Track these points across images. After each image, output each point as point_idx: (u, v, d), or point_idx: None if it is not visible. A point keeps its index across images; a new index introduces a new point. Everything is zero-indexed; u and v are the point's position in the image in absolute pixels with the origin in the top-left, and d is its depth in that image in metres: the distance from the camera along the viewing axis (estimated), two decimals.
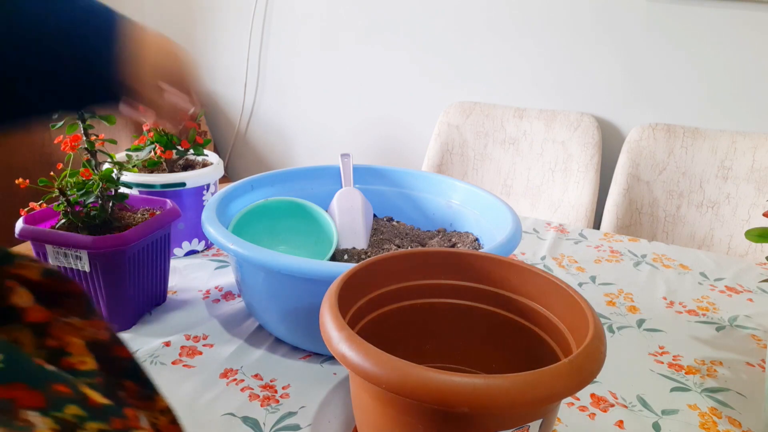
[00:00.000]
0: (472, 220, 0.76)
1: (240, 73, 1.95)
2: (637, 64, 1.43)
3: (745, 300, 0.79)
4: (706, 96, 1.39)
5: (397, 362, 0.33)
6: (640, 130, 1.38)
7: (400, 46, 1.69)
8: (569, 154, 1.44)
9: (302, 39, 1.83)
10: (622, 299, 0.77)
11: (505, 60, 1.57)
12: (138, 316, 0.66)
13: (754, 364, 0.64)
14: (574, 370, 0.34)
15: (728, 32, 1.33)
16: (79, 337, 0.24)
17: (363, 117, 1.82)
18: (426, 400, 0.32)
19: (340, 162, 0.83)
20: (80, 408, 0.18)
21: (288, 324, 0.59)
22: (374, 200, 0.83)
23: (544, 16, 1.49)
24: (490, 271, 0.49)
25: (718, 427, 0.53)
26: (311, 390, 0.55)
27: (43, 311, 0.22)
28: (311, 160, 1.95)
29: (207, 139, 0.82)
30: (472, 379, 0.32)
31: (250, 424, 0.50)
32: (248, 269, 0.59)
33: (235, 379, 0.56)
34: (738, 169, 1.30)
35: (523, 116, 1.50)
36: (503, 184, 1.52)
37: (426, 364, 0.33)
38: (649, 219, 1.37)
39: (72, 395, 0.19)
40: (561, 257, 0.90)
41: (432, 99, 1.69)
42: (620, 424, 0.53)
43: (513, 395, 0.32)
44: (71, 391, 0.19)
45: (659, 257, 0.91)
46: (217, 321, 0.67)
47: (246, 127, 2.02)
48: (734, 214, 1.30)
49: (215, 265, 0.80)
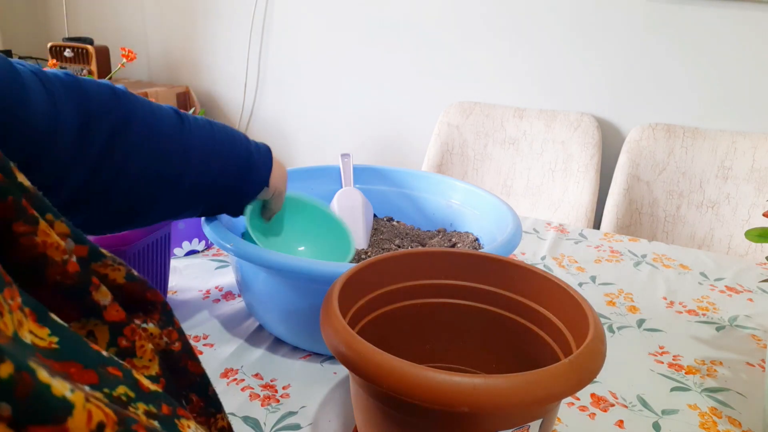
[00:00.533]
0: (472, 220, 0.76)
1: (240, 73, 1.95)
2: (637, 64, 1.43)
3: (745, 300, 0.79)
4: (706, 96, 1.39)
5: (397, 362, 0.33)
6: (640, 130, 1.38)
7: (400, 46, 1.69)
8: (569, 154, 1.44)
9: (302, 39, 1.83)
10: (622, 299, 0.77)
11: (505, 60, 1.57)
12: None
13: (754, 364, 0.64)
14: (574, 370, 0.34)
15: (728, 32, 1.33)
16: (151, 344, 0.24)
17: (363, 117, 1.82)
18: (426, 400, 0.32)
19: (340, 162, 0.83)
20: (130, 389, 0.19)
21: (288, 324, 0.59)
22: (374, 200, 0.83)
23: (544, 16, 1.49)
24: (491, 270, 0.49)
25: (718, 427, 0.53)
26: (311, 390, 0.55)
27: (121, 311, 0.23)
28: (311, 160, 1.95)
29: None
30: (472, 378, 0.32)
31: (250, 423, 0.50)
32: (248, 269, 0.59)
33: (235, 378, 0.56)
34: (738, 169, 1.30)
35: (523, 116, 1.50)
36: (503, 184, 1.52)
37: (426, 364, 0.33)
38: (649, 219, 1.37)
39: (122, 378, 0.19)
40: (561, 257, 0.90)
41: (432, 99, 1.69)
42: (620, 424, 0.53)
43: (513, 395, 0.32)
44: (122, 375, 0.19)
45: (659, 257, 0.91)
46: (217, 321, 0.67)
47: (246, 127, 2.02)
48: (734, 214, 1.30)
49: (215, 265, 0.80)
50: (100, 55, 1.86)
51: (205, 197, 0.55)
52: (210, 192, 0.55)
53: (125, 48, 0.78)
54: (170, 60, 2.07)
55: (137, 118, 0.47)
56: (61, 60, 1.86)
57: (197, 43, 2.00)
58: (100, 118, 0.44)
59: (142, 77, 2.13)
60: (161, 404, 0.20)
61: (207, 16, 1.95)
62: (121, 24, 2.10)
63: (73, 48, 1.85)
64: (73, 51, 1.85)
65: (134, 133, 0.46)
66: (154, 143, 0.48)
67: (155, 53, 2.08)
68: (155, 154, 0.48)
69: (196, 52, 2.02)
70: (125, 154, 0.46)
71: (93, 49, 1.83)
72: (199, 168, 0.52)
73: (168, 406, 0.21)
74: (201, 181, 0.53)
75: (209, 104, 2.05)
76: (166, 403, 0.21)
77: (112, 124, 0.45)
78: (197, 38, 2.00)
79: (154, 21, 2.05)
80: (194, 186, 0.53)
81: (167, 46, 2.06)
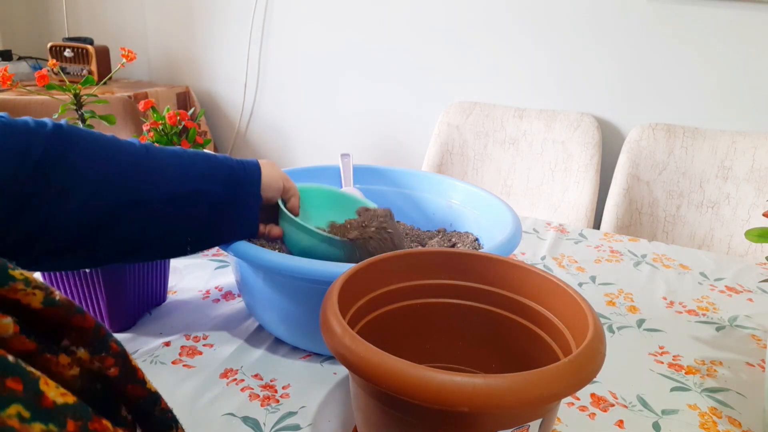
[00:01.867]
0: (472, 220, 0.76)
1: (240, 73, 1.95)
2: (637, 64, 1.43)
3: (745, 300, 0.79)
4: (706, 96, 1.39)
5: (397, 362, 0.33)
6: (640, 130, 1.38)
7: (400, 46, 1.69)
8: (569, 154, 1.44)
9: (302, 39, 1.83)
10: (622, 299, 0.77)
11: (506, 60, 1.57)
12: (138, 316, 0.66)
13: (754, 364, 0.64)
14: (574, 370, 0.34)
15: (728, 32, 1.33)
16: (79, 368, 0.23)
17: (363, 117, 1.82)
18: (425, 399, 0.32)
19: (340, 162, 0.83)
20: (25, 408, 0.17)
21: (288, 324, 0.59)
22: (374, 200, 0.83)
23: (545, 16, 1.49)
24: (490, 270, 0.49)
25: (718, 427, 0.53)
26: (311, 390, 0.55)
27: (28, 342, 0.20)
28: (311, 160, 1.95)
29: (207, 139, 0.82)
30: (472, 378, 0.32)
31: (250, 424, 0.50)
32: (248, 269, 0.59)
33: (235, 379, 0.56)
34: (738, 169, 1.29)
35: (523, 116, 1.50)
36: (503, 184, 1.52)
37: (426, 363, 0.33)
38: (649, 219, 1.37)
39: (21, 393, 0.18)
40: (561, 257, 0.90)
41: (432, 99, 1.69)
42: (620, 424, 0.53)
43: (512, 395, 0.32)
44: (23, 388, 0.18)
45: (659, 257, 0.91)
46: (217, 321, 0.67)
47: (246, 127, 2.02)
48: (734, 214, 1.30)
49: (215, 265, 0.80)
50: (100, 55, 1.86)
51: (192, 210, 0.53)
52: (196, 203, 0.53)
53: (125, 48, 0.78)
54: (170, 60, 2.07)
55: (76, 148, 0.46)
56: (61, 60, 1.86)
57: (197, 43, 2.00)
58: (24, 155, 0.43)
59: (142, 77, 2.13)
60: (66, 420, 0.19)
61: (207, 16, 1.95)
62: (121, 24, 2.10)
63: (73, 48, 1.85)
64: (73, 51, 1.85)
65: (71, 162, 0.46)
66: (102, 169, 0.47)
67: (155, 53, 2.08)
68: (108, 179, 0.48)
69: (196, 52, 2.02)
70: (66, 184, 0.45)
71: (93, 49, 1.83)
72: (173, 179, 0.51)
73: (75, 421, 0.19)
74: (179, 191, 0.52)
75: (209, 104, 2.05)
76: (73, 418, 0.19)
77: (38, 158, 0.44)
78: (197, 38, 2.00)
79: (154, 21, 2.05)
80: (172, 198, 0.51)
81: (167, 46, 2.06)
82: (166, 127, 0.77)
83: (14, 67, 2.07)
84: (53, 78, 1.68)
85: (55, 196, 0.45)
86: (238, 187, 0.56)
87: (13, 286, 0.21)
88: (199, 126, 0.81)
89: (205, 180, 0.54)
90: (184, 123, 0.78)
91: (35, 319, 0.21)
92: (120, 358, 0.24)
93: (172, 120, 0.77)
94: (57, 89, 0.72)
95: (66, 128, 0.47)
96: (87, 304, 0.62)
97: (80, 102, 0.74)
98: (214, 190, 0.54)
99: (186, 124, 0.79)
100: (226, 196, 0.55)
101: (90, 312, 0.63)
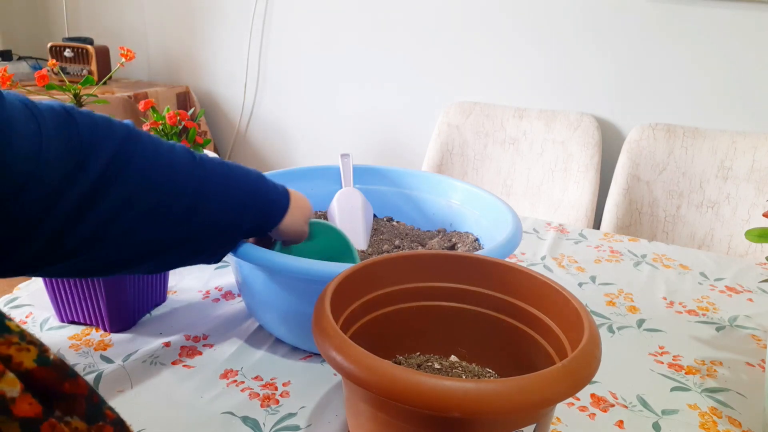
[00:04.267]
0: (472, 220, 0.76)
1: (240, 73, 1.95)
2: (637, 64, 1.43)
3: (745, 300, 0.79)
4: (706, 96, 1.39)
5: (388, 366, 0.33)
6: (640, 130, 1.38)
7: (400, 46, 1.69)
8: (569, 154, 1.44)
9: (302, 39, 1.83)
10: (622, 299, 0.77)
11: (505, 60, 1.57)
12: (138, 316, 0.66)
13: (754, 364, 0.64)
14: (568, 375, 0.33)
15: (728, 32, 1.33)
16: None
17: (363, 117, 1.82)
18: (416, 404, 0.31)
19: (340, 162, 0.83)
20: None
21: (288, 324, 0.59)
22: (374, 200, 0.83)
23: (544, 16, 1.49)
24: (486, 273, 0.49)
25: (718, 427, 0.53)
26: (311, 390, 0.55)
27: (35, 405, 0.19)
28: (311, 160, 1.95)
29: (207, 139, 0.82)
30: (464, 383, 0.31)
31: (250, 424, 0.50)
32: (248, 270, 0.59)
33: (235, 380, 0.56)
34: (738, 169, 1.29)
35: (523, 116, 1.50)
36: (503, 184, 1.52)
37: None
38: (649, 219, 1.37)
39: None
40: (561, 257, 0.89)
41: (432, 99, 1.69)
42: (620, 424, 0.52)
43: (505, 400, 0.31)
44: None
45: (659, 257, 0.91)
46: (217, 321, 0.67)
47: (246, 127, 2.02)
48: (734, 214, 1.30)
49: (215, 265, 0.80)
50: (100, 55, 1.85)
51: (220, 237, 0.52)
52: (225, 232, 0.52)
53: (124, 47, 0.78)
54: (170, 60, 2.07)
55: (138, 151, 0.45)
56: (61, 60, 1.86)
57: (197, 43, 2.00)
58: (92, 153, 0.42)
59: (142, 77, 2.13)
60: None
61: (207, 16, 1.95)
62: (121, 24, 2.10)
63: (73, 48, 1.85)
64: (73, 51, 1.85)
65: (135, 166, 0.45)
66: (158, 176, 0.46)
67: (155, 53, 2.08)
68: (163, 188, 0.46)
69: (196, 52, 2.02)
70: (125, 188, 0.44)
71: (93, 49, 1.83)
72: (216, 207, 0.50)
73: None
74: (219, 219, 0.51)
75: (209, 104, 2.05)
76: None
77: (106, 159, 0.43)
78: (197, 38, 2.00)
79: (154, 21, 2.04)
80: (211, 226, 0.50)
81: (167, 46, 2.06)
82: (166, 127, 0.77)
83: (14, 67, 2.07)
84: (53, 78, 1.68)
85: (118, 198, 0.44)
86: (264, 223, 0.55)
87: (8, 339, 0.19)
88: (199, 126, 0.81)
89: (244, 211, 0.53)
90: (184, 123, 0.78)
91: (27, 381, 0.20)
92: (118, 426, 0.23)
93: (172, 120, 0.77)
94: (57, 89, 0.72)
95: (126, 127, 0.46)
96: (87, 304, 0.62)
97: (80, 102, 0.74)
98: (245, 226, 0.53)
99: (186, 124, 0.79)
100: (250, 231, 0.55)
101: (90, 312, 0.63)
